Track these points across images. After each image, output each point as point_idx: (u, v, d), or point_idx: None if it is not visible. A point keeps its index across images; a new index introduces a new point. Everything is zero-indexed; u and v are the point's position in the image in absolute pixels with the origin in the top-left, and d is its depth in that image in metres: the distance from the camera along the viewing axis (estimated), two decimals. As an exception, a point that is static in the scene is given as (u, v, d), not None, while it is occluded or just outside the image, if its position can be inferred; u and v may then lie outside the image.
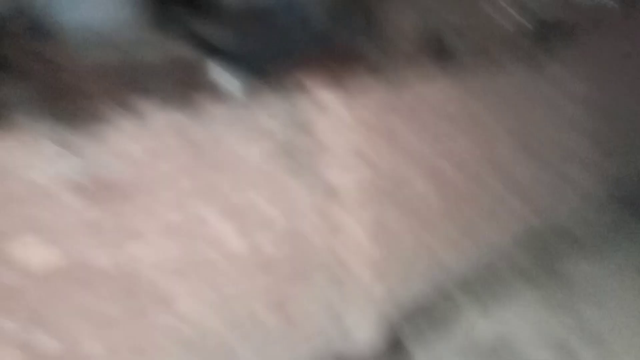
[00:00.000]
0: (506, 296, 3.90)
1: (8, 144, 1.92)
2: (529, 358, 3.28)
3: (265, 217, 2.75)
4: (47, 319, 2.01)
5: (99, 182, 2.13)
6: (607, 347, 3.29)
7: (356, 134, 3.12)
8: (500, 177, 4.30)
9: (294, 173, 2.86)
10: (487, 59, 4.36)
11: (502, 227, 4.36)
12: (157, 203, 2.31)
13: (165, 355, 2.39)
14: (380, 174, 3.32)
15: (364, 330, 3.28)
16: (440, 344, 3.41)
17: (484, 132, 4.12)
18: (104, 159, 2.15)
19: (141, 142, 2.26)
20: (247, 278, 2.70)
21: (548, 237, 4.65)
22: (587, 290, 3.95)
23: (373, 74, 3.46)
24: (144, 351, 2.31)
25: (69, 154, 2.05)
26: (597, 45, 5.07)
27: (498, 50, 4.43)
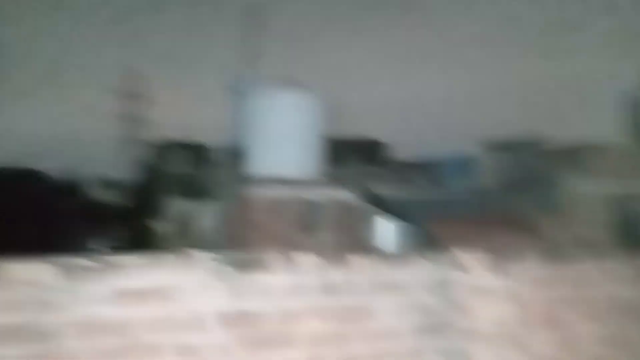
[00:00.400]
0: None
1: (179, 270, 2.24)
2: None
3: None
4: None
5: (241, 313, 2.32)
6: None
7: (513, 316, 2.89)
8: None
9: (434, 347, 2.72)
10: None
11: None
12: (287, 339, 2.39)
13: None
14: (536, 362, 2.97)
15: None
16: None
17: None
18: (250, 291, 2.36)
19: (286, 280, 2.43)
20: None
21: None
22: None
23: (540, 249, 3.26)
24: None
25: (223, 286, 2.30)
26: None
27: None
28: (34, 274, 2.00)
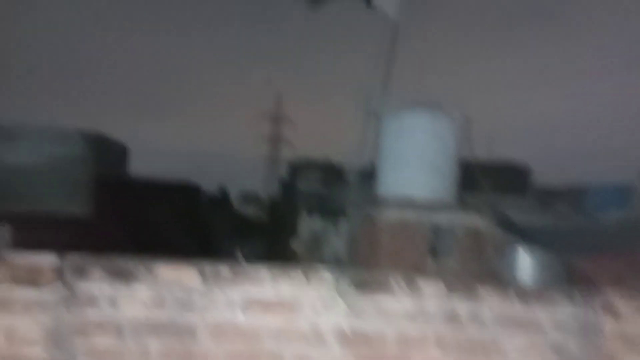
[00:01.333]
0: None
1: (304, 285, 2.32)
2: None
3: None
4: None
5: (360, 333, 2.32)
6: None
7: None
8: None
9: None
10: None
11: None
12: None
13: None
14: None
15: None
16: None
17: None
18: (371, 312, 2.35)
19: (408, 305, 2.37)
20: None
21: None
22: None
23: None
24: None
25: (344, 304, 2.33)
26: None
27: None
28: (179, 276, 2.23)
